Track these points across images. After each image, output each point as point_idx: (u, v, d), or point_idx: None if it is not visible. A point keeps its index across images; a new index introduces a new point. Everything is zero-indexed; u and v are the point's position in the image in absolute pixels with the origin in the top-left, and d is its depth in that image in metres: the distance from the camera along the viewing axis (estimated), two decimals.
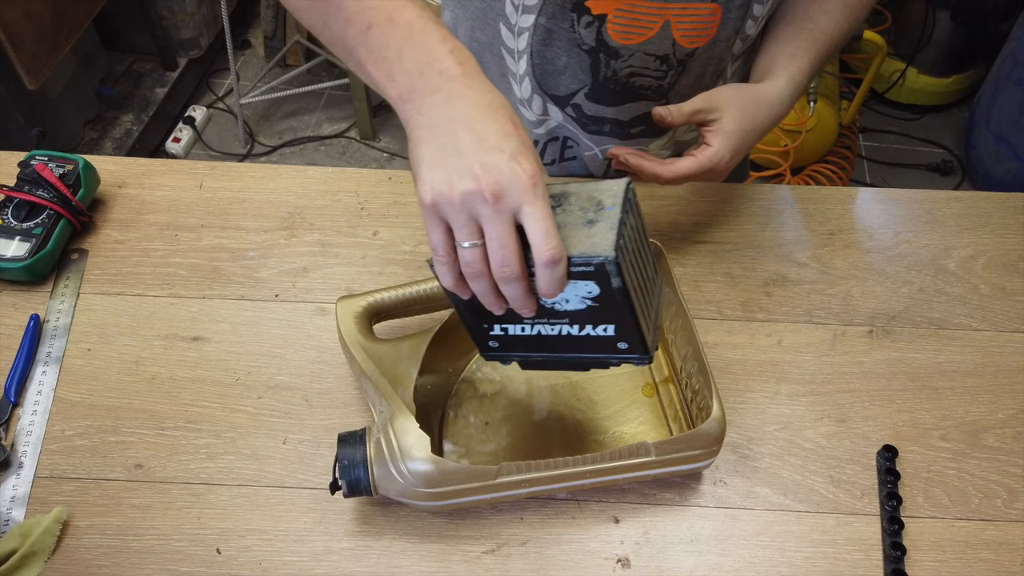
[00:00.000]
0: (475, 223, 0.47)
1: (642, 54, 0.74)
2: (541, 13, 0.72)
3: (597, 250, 0.47)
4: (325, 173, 0.87)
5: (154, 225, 0.82)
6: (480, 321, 0.56)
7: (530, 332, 0.55)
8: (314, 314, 0.76)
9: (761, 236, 0.82)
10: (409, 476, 0.58)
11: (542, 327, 0.55)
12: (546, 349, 0.57)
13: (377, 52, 0.51)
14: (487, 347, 0.59)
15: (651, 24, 0.72)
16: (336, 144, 2.38)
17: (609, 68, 0.76)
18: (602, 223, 0.48)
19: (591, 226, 0.48)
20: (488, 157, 0.46)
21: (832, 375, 0.73)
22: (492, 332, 0.57)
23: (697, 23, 0.72)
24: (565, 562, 0.63)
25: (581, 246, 0.48)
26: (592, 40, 0.73)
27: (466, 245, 0.48)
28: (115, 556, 0.62)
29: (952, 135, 2.35)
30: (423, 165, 0.48)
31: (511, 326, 0.56)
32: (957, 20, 2.17)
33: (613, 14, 0.71)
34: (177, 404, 0.70)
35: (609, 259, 0.47)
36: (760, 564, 0.63)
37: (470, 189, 0.46)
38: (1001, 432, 0.70)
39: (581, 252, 0.48)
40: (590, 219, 0.49)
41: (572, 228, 0.49)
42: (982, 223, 0.84)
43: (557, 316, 0.53)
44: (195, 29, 2.37)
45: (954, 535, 0.65)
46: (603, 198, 0.49)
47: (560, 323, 0.54)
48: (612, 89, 0.78)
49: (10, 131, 1.90)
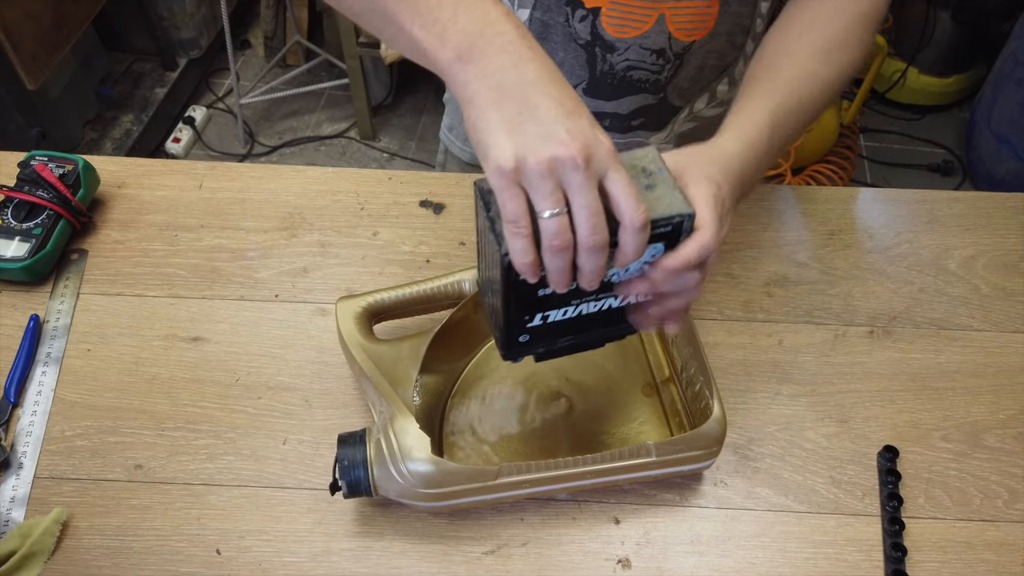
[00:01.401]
0: (561, 191, 0.44)
1: (638, 48, 0.74)
2: (536, 7, 0.72)
3: (673, 210, 0.48)
4: (325, 173, 0.87)
5: (154, 225, 0.82)
6: (523, 312, 0.52)
7: (572, 315, 0.53)
8: (314, 314, 0.76)
9: (762, 236, 0.82)
10: (409, 477, 0.58)
11: (586, 306, 0.53)
12: (576, 331, 0.55)
13: (428, 13, 0.48)
14: (515, 344, 0.55)
15: (645, 17, 0.72)
16: (336, 144, 2.38)
17: (606, 62, 0.76)
18: (661, 186, 0.49)
19: (652, 190, 0.49)
20: (572, 123, 0.44)
21: (833, 375, 0.73)
22: (531, 324, 0.53)
23: (693, 16, 0.72)
24: (565, 563, 0.63)
25: (659, 208, 0.48)
26: (587, 34, 0.73)
27: (550, 214, 0.44)
28: (115, 557, 0.62)
29: (953, 135, 2.35)
30: (498, 131, 0.45)
31: (555, 312, 0.53)
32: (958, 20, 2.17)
33: (607, 7, 0.71)
34: (177, 404, 0.70)
35: (690, 215, 0.48)
36: (761, 565, 0.63)
37: (559, 155, 0.43)
38: (1002, 432, 0.70)
39: (660, 214, 0.48)
40: (647, 184, 0.49)
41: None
42: (983, 223, 0.84)
43: (608, 288, 0.52)
44: (195, 29, 2.37)
45: (955, 536, 0.65)
46: (646, 164, 0.50)
47: (607, 297, 0.52)
48: (610, 84, 0.78)
49: (10, 131, 1.90)
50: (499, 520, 0.64)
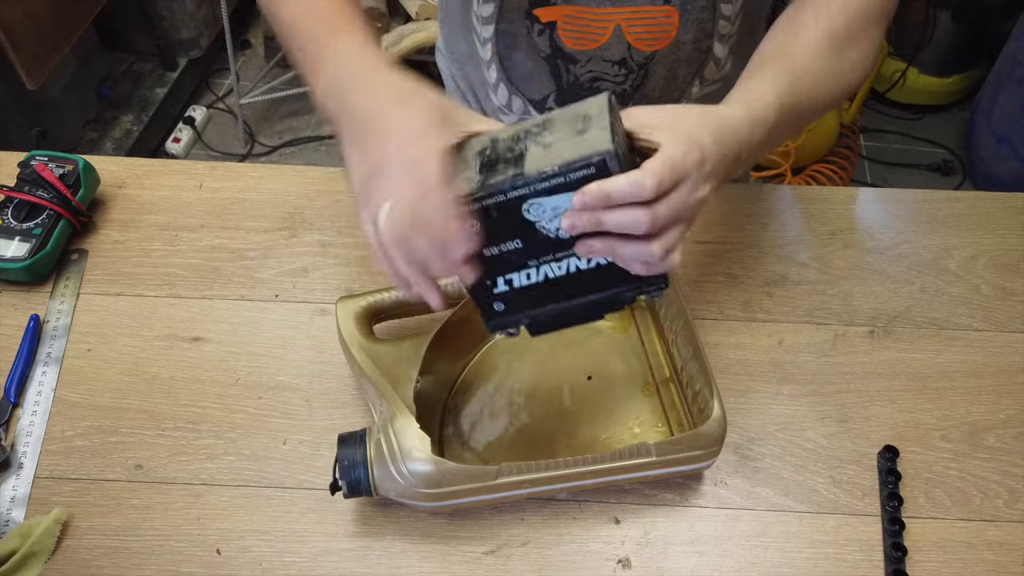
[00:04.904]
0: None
1: (599, 59, 0.74)
2: (501, 21, 0.72)
3: (593, 149, 0.46)
4: (325, 173, 0.87)
5: (154, 225, 0.82)
6: (483, 276, 0.53)
7: (537, 278, 0.53)
8: (314, 314, 0.76)
9: (762, 236, 0.82)
10: (409, 476, 0.58)
11: (548, 268, 0.52)
12: (555, 298, 0.55)
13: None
14: (492, 312, 0.56)
15: (601, 29, 0.71)
16: (336, 144, 2.37)
17: (570, 74, 0.76)
18: (593, 128, 0.47)
19: (582, 134, 0.47)
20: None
21: (833, 375, 0.73)
22: (496, 290, 0.54)
23: (651, 26, 0.71)
24: (566, 563, 0.63)
25: (578, 150, 0.46)
26: (547, 47, 0.74)
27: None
28: (115, 556, 0.62)
29: (953, 135, 2.35)
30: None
31: (516, 275, 0.53)
32: (958, 20, 2.17)
33: (562, 21, 0.71)
34: (177, 404, 0.70)
35: (609, 152, 0.46)
36: (761, 565, 0.63)
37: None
38: (1002, 432, 0.70)
39: (578, 154, 0.46)
40: (579, 129, 0.48)
41: (564, 141, 0.48)
42: (983, 223, 0.84)
43: (563, 248, 0.51)
44: (195, 29, 2.37)
45: (955, 535, 0.65)
46: (588, 111, 0.49)
47: (567, 255, 0.52)
48: (577, 94, 0.78)
49: (10, 131, 1.89)
50: (499, 520, 0.64)
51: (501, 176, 0.49)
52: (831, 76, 0.62)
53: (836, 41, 0.62)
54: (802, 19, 0.63)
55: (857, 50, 0.64)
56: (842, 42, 0.62)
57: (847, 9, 0.63)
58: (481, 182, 0.49)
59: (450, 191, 0.47)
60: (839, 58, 0.62)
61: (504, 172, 0.49)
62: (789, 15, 0.65)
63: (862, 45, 0.64)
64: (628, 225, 0.48)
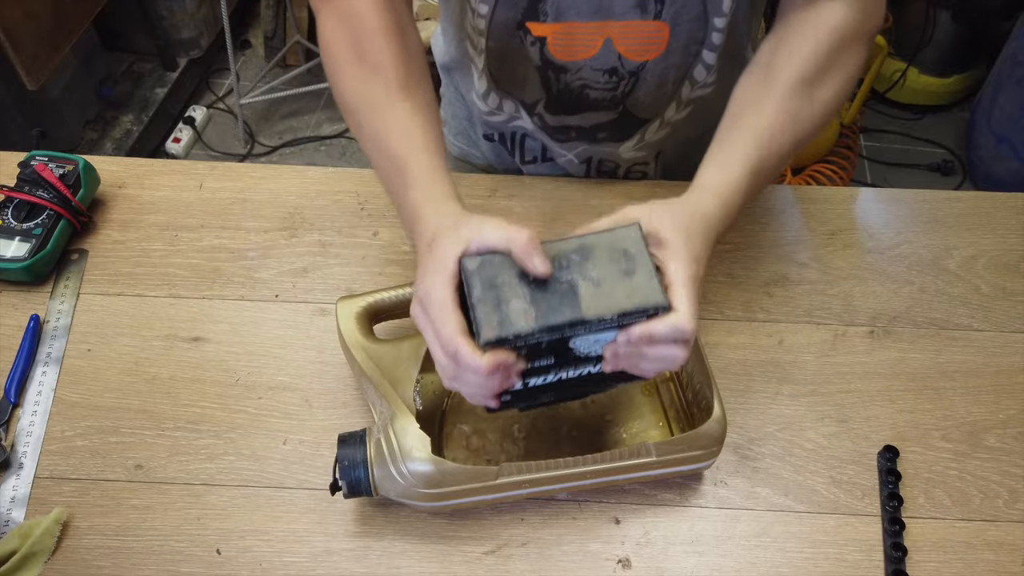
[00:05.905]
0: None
1: (589, 68, 0.75)
2: (490, 37, 0.73)
3: (648, 301, 0.51)
4: (325, 173, 0.87)
5: (154, 225, 0.82)
6: None
7: (552, 380, 0.56)
8: (314, 314, 0.76)
9: (762, 236, 0.82)
10: (409, 477, 0.58)
11: (566, 373, 0.55)
12: (559, 393, 0.57)
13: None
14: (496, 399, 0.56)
15: (592, 42, 0.72)
16: (336, 144, 2.38)
17: (560, 82, 0.77)
18: (640, 272, 0.52)
19: (631, 276, 0.52)
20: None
21: (833, 375, 0.73)
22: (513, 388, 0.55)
23: (642, 39, 0.72)
24: (566, 563, 0.63)
25: (633, 299, 0.51)
26: (538, 59, 0.74)
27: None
28: (115, 557, 0.62)
29: (953, 135, 2.35)
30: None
31: (534, 379, 0.55)
32: (958, 20, 2.17)
33: (552, 36, 0.71)
34: (177, 404, 0.70)
35: (662, 306, 0.51)
36: (761, 565, 0.63)
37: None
38: (1002, 432, 0.70)
39: (636, 304, 0.51)
40: (625, 269, 0.52)
41: (614, 281, 0.52)
42: (983, 223, 0.84)
43: (588, 361, 0.54)
44: (195, 29, 2.37)
45: (955, 535, 0.65)
46: (628, 247, 0.53)
47: (586, 366, 0.55)
48: (567, 101, 0.79)
49: (10, 131, 1.89)
50: (499, 520, 0.64)
51: (559, 317, 0.51)
52: (800, 122, 0.63)
53: (807, 82, 0.63)
54: (777, 62, 0.64)
55: (829, 86, 0.65)
56: (812, 83, 0.64)
57: (819, 47, 0.64)
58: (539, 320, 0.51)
59: (473, 352, 0.50)
60: (810, 100, 0.64)
61: (560, 310, 0.51)
62: (767, 55, 0.66)
63: (835, 80, 0.65)
64: (666, 359, 0.52)
